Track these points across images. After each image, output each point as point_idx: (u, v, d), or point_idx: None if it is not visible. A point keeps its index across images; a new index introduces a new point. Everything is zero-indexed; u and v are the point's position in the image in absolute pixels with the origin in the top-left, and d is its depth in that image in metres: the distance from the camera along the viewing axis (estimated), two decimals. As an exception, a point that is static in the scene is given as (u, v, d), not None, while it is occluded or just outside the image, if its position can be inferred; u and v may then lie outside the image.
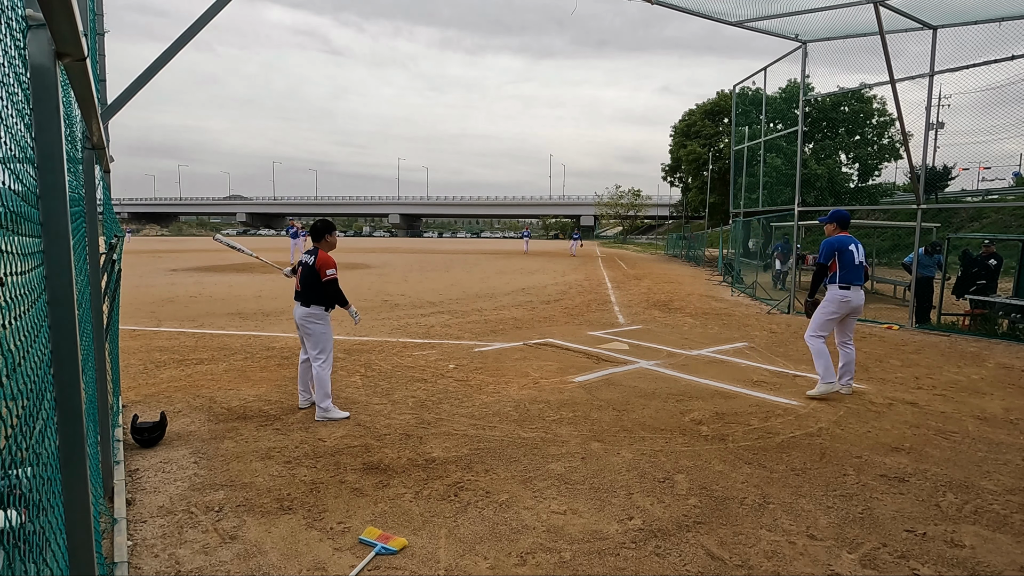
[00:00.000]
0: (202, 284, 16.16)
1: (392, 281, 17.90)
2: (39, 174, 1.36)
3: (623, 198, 79.70)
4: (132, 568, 2.86)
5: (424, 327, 9.66)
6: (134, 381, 6.14)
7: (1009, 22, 9.47)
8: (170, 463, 4.12)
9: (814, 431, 4.90)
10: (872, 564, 2.95)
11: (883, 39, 9.51)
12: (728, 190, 21.76)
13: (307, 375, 5.33)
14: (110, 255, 4.04)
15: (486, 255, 36.34)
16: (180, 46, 3.94)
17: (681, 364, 7.29)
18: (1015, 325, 9.58)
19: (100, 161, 3.68)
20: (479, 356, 7.53)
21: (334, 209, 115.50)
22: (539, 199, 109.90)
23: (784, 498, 3.67)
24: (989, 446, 4.62)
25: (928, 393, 6.14)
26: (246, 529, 3.23)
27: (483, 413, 5.24)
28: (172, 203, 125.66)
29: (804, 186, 17.30)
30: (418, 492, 3.70)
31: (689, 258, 32.37)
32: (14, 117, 1.21)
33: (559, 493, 3.70)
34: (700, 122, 37.09)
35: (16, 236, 1.13)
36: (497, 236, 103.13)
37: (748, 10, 10.54)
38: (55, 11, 1.18)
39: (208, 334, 8.82)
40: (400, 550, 3.02)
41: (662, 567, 2.91)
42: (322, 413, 5.03)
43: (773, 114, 24.17)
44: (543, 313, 11.52)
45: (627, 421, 5.09)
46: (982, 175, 33.44)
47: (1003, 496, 3.73)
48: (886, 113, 25.24)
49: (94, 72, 2.36)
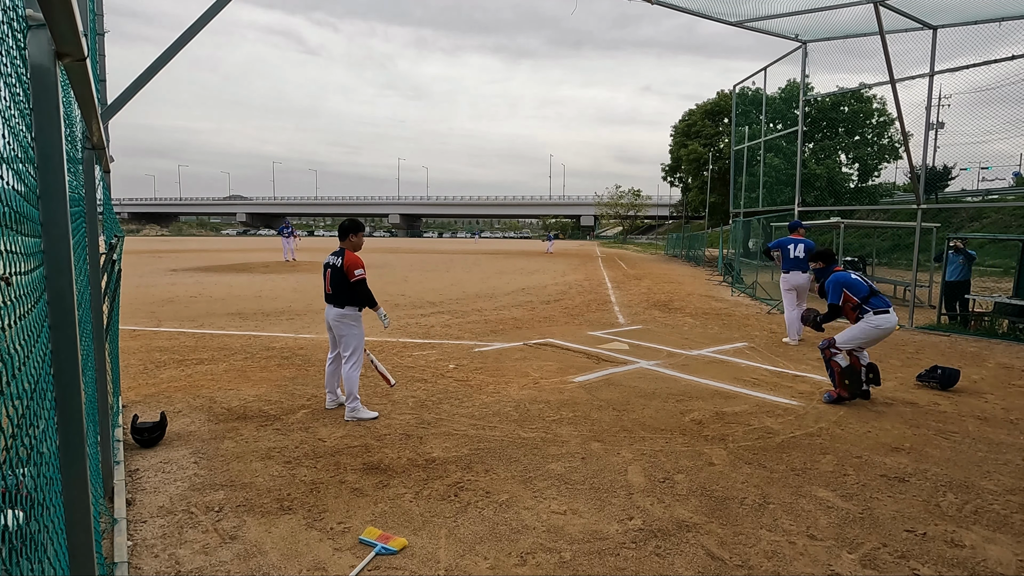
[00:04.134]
0: (202, 284, 16.16)
1: (392, 281, 17.89)
2: (39, 174, 1.36)
3: (623, 198, 79.72)
4: (132, 568, 2.86)
5: (424, 327, 9.66)
6: (134, 381, 6.14)
7: (1009, 22, 9.47)
8: (170, 463, 4.12)
9: (814, 431, 4.90)
10: (872, 564, 2.95)
11: (883, 39, 9.51)
12: (728, 190, 21.76)
13: (334, 376, 5.32)
14: (110, 255, 4.04)
15: (487, 255, 36.34)
16: (180, 47, 3.95)
17: (681, 364, 7.29)
18: (1015, 325, 9.58)
19: (100, 161, 3.68)
20: (479, 356, 7.53)
21: (334, 209, 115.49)
22: (539, 199, 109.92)
23: (784, 498, 3.67)
24: (989, 446, 4.62)
25: (928, 393, 6.13)
26: (246, 529, 3.23)
27: (483, 413, 5.24)
28: (172, 203, 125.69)
29: (804, 186, 17.30)
30: (418, 492, 3.70)
31: (689, 258, 32.37)
32: (15, 117, 1.21)
33: (559, 493, 3.70)
34: (700, 122, 37.09)
35: (17, 236, 1.13)
36: (497, 236, 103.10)
37: (748, 10, 10.55)
38: (55, 11, 1.18)
39: (208, 334, 8.82)
40: (400, 550, 3.02)
41: (662, 567, 2.91)
42: (351, 413, 5.03)
43: (773, 114, 24.17)
44: (543, 313, 11.52)
45: (627, 421, 5.09)
46: (982, 175, 33.46)
47: (1003, 496, 3.73)
48: (886, 113, 25.23)
49: (94, 72, 2.36)
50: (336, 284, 5.05)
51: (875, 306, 5.73)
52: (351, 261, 5.03)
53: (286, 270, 21.43)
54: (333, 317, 5.10)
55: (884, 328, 5.71)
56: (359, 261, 5.08)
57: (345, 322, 5.08)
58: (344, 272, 5.00)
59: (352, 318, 5.09)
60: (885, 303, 5.77)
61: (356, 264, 5.03)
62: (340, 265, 5.02)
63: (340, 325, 5.09)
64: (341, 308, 5.06)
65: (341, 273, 5.01)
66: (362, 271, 5.05)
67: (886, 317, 5.69)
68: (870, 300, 5.76)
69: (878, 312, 5.70)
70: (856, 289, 5.82)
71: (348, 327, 5.08)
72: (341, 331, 5.10)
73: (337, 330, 5.12)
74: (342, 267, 5.01)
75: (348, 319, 5.08)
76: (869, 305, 5.73)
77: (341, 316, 5.07)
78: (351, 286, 5.01)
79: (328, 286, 5.11)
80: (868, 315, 5.71)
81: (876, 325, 5.70)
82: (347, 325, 5.08)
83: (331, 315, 5.12)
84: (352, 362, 5.07)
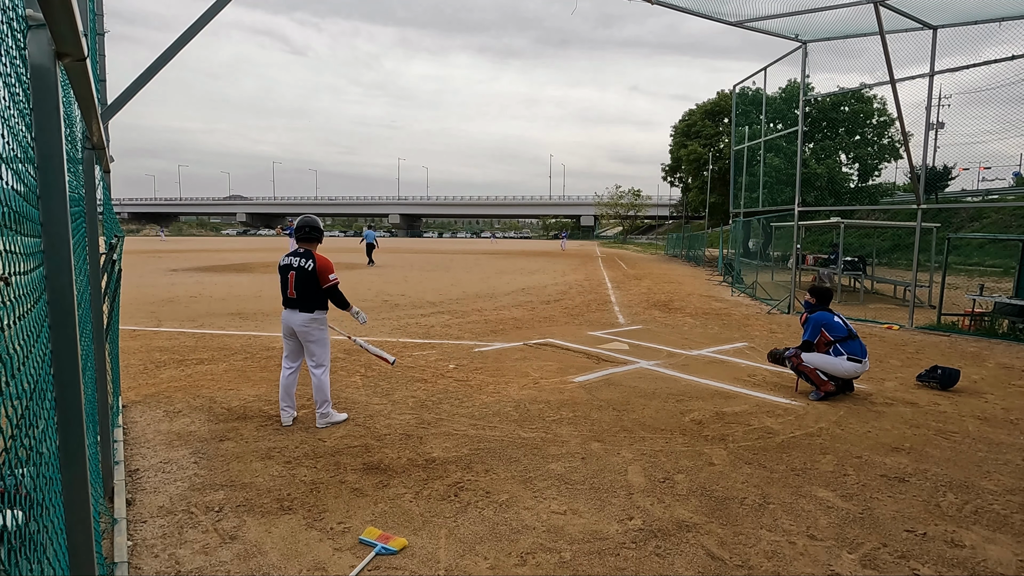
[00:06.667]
0: (202, 284, 16.16)
1: (392, 281, 17.89)
2: (39, 174, 1.36)
3: (623, 198, 79.71)
4: (132, 568, 2.86)
5: (424, 327, 9.66)
6: (134, 381, 6.14)
7: (1009, 22, 9.47)
8: (170, 463, 4.12)
9: (814, 431, 4.90)
10: (872, 564, 2.95)
11: (883, 39, 9.51)
12: (728, 190, 21.75)
13: (292, 388, 4.94)
14: (110, 255, 4.04)
15: (487, 255, 36.33)
16: (179, 47, 3.95)
17: (681, 364, 7.29)
18: (1015, 325, 9.58)
19: (100, 161, 3.68)
20: (479, 356, 7.53)
21: (334, 209, 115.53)
22: (539, 199, 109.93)
23: (784, 498, 3.67)
24: (989, 446, 4.62)
25: (928, 393, 6.13)
26: (246, 529, 3.23)
27: (483, 413, 5.24)
28: (172, 203, 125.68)
29: (804, 186, 17.30)
30: (418, 492, 3.70)
31: (689, 258, 32.37)
32: (15, 117, 1.21)
33: (559, 493, 3.70)
34: (700, 122, 37.07)
35: (17, 236, 1.13)
36: (497, 236, 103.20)
37: (748, 10, 10.55)
38: (55, 11, 1.18)
39: (208, 334, 8.82)
40: (400, 550, 3.02)
41: (662, 567, 2.91)
42: (324, 420, 4.84)
43: (773, 114, 24.16)
44: (543, 313, 11.52)
45: (627, 421, 5.09)
46: (982, 175, 33.46)
47: (1003, 496, 3.73)
48: (886, 113, 25.22)
49: (94, 72, 2.36)
50: (304, 288, 4.73)
51: (851, 351, 5.88)
52: (324, 264, 4.77)
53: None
54: (300, 323, 4.75)
55: (849, 372, 5.89)
56: (331, 263, 4.82)
57: (314, 327, 4.78)
58: (316, 275, 4.73)
59: (322, 323, 4.82)
60: (861, 352, 5.91)
61: (329, 267, 4.79)
62: (311, 268, 4.73)
63: (309, 331, 4.77)
64: (310, 313, 4.74)
65: (311, 276, 4.72)
66: (335, 275, 4.83)
67: (856, 367, 5.87)
68: (847, 343, 5.91)
69: (851, 359, 5.86)
70: (834, 330, 5.97)
71: (318, 332, 4.80)
72: (310, 337, 4.78)
73: (304, 336, 4.78)
74: (313, 270, 4.72)
75: (318, 324, 4.79)
76: (845, 348, 5.88)
77: (310, 321, 4.75)
78: (324, 291, 4.77)
79: (292, 290, 4.75)
80: (841, 358, 5.87)
81: (842, 367, 5.87)
82: (317, 331, 4.79)
83: (297, 321, 4.76)
84: (324, 369, 4.81)
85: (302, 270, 4.75)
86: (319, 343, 4.84)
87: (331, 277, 4.79)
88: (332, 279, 4.80)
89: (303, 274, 4.74)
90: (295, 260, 4.80)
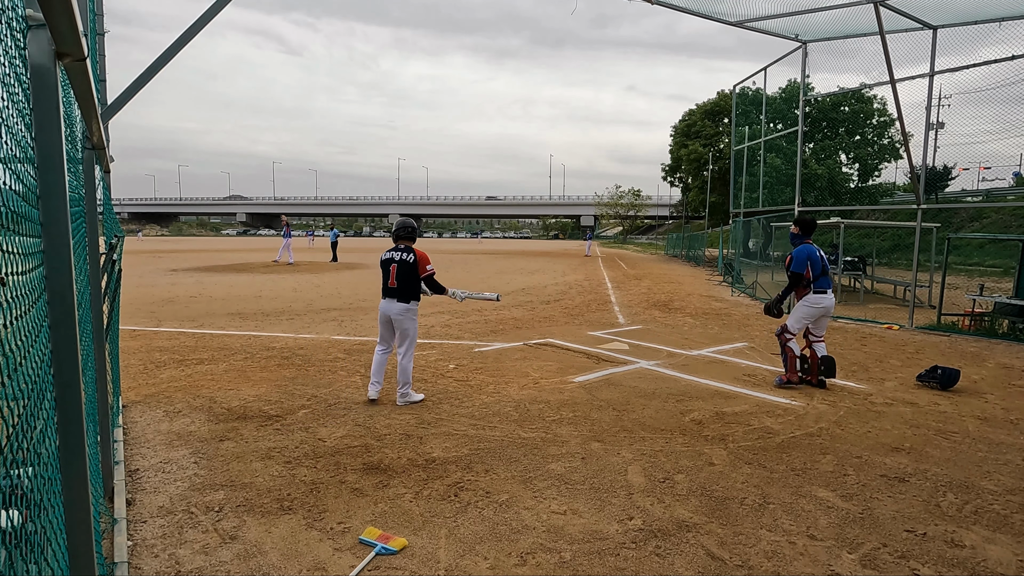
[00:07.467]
0: (202, 284, 16.16)
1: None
2: (39, 174, 1.36)
3: (623, 198, 79.71)
4: (132, 568, 2.86)
5: (424, 327, 9.66)
6: (134, 381, 6.14)
7: (1009, 22, 9.47)
8: (170, 463, 4.12)
9: (814, 431, 4.90)
10: (872, 564, 2.95)
11: (883, 39, 9.51)
12: (728, 190, 21.76)
13: (383, 366, 5.54)
14: (110, 255, 4.03)
15: (487, 256, 36.33)
16: (179, 47, 3.94)
17: (681, 364, 7.29)
18: (1015, 325, 9.58)
19: (100, 161, 3.68)
20: (479, 356, 7.53)
21: (334, 209, 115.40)
22: (539, 199, 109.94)
23: (784, 498, 3.67)
24: (989, 446, 4.62)
25: (928, 393, 6.13)
26: (246, 529, 3.23)
27: (483, 413, 5.24)
28: (172, 203, 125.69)
29: (804, 186, 17.30)
30: (418, 492, 3.70)
31: (689, 258, 32.37)
32: (14, 117, 1.20)
33: (559, 493, 3.70)
34: (700, 122, 37.09)
35: (16, 236, 1.13)
36: (497, 236, 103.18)
37: (748, 10, 10.55)
38: (55, 11, 1.18)
39: (208, 334, 8.82)
40: (400, 550, 3.02)
41: (662, 567, 2.91)
42: (404, 399, 5.38)
43: (773, 114, 24.17)
44: (543, 313, 11.52)
45: (627, 421, 5.09)
46: (982, 175, 33.47)
47: (1003, 496, 3.73)
48: (886, 113, 25.22)
49: (94, 72, 2.36)
50: (404, 279, 5.31)
51: (818, 286, 6.10)
52: (422, 256, 5.40)
53: (287, 271, 21.43)
54: (397, 312, 5.33)
55: (821, 307, 6.13)
56: (428, 256, 5.47)
57: (409, 316, 5.36)
58: (417, 267, 5.33)
59: (414, 312, 5.41)
60: (827, 284, 6.14)
61: (427, 259, 5.43)
62: (412, 260, 5.32)
63: (404, 319, 5.33)
64: (407, 303, 5.33)
65: (412, 267, 5.31)
66: (432, 265, 5.47)
67: (822, 297, 6.12)
68: (819, 280, 6.11)
69: (817, 292, 6.10)
70: (816, 266, 6.14)
71: (411, 320, 5.38)
72: (405, 324, 5.35)
73: (400, 324, 5.35)
74: (415, 262, 5.32)
75: (412, 313, 5.38)
76: (816, 284, 6.10)
77: (406, 311, 5.33)
78: (423, 279, 5.39)
79: (393, 279, 5.33)
80: (808, 295, 6.12)
81: (813, 303, 6.12)
82: (410, 319, 5.37)
83: (395, 310, 5.33)
84: (410, 354, 5.39)
85: (404, 262, 5.35)
86: (411, 330, 5.42)
87: (428, 267, 5.43)
88: (429, 269, 5.44)
89: (404, 266, 5.34)
90: (396, 254, 5.42)
